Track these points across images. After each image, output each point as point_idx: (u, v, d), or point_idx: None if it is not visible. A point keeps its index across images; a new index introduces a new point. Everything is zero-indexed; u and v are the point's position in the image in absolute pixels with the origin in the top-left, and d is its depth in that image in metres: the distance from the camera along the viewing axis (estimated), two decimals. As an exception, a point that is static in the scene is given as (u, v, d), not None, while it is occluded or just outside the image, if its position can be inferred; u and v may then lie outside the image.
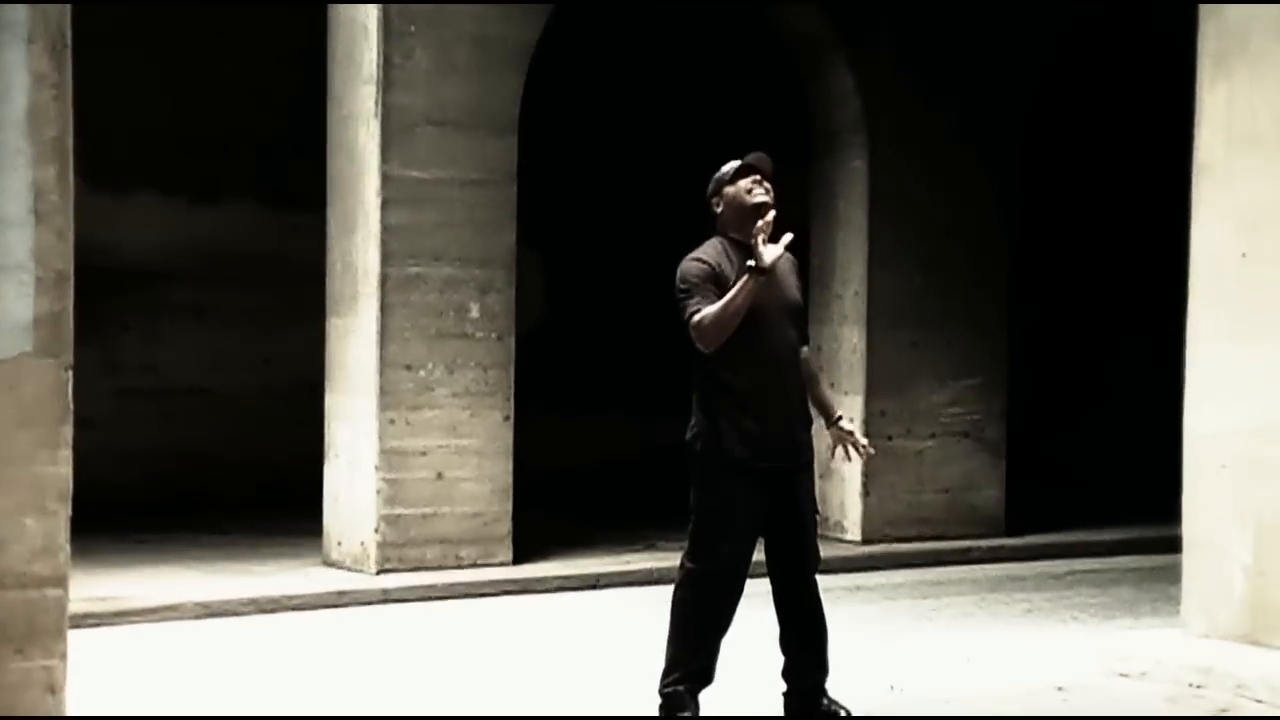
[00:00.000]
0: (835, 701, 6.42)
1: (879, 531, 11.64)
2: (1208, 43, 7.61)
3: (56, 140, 5.07)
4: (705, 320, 6.11)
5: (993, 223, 12.03)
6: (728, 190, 6.35)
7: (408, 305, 10.04)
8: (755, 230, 6.12)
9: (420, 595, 9.70)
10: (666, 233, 8.84)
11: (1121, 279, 15.86)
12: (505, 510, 10.31)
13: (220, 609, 9.12)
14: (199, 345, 13.10)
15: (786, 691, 6.50)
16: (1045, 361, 15.35)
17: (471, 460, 10.22)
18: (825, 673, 6.46)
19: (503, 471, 10.30)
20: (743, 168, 6.35)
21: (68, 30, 5.11)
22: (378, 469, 9.96)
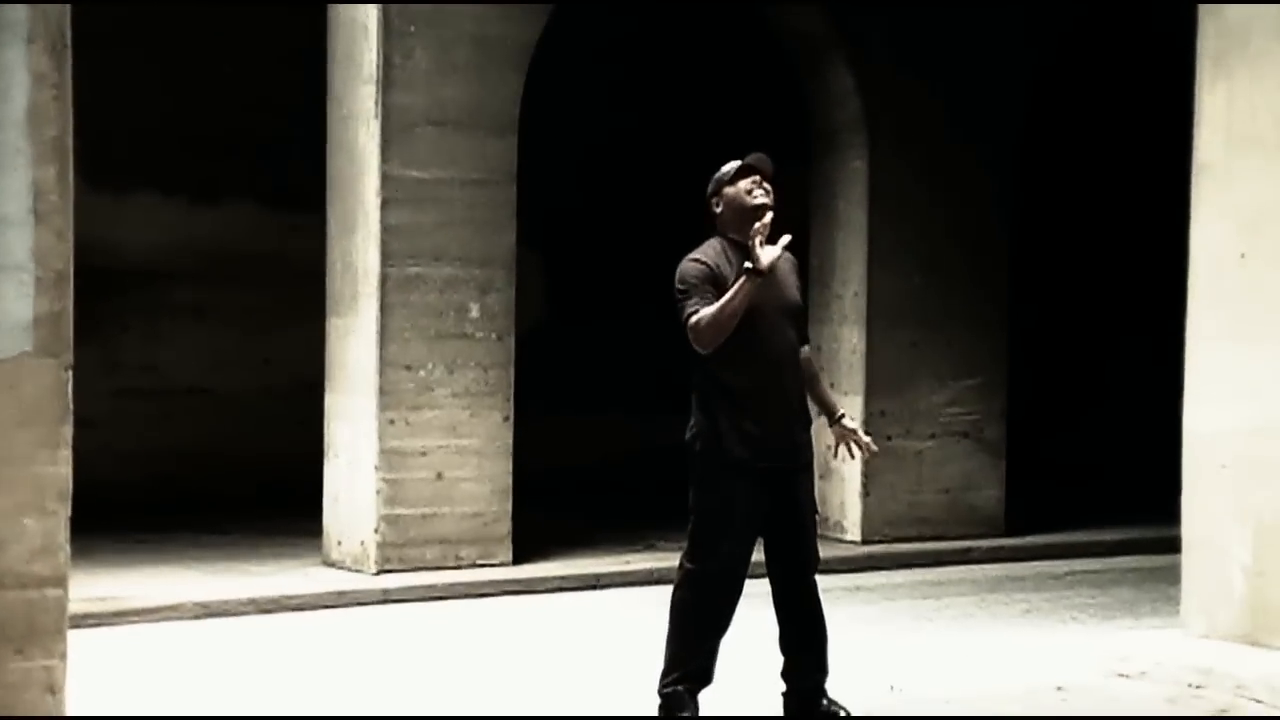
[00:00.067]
0: (835, 702, 6.42)
1: (879, 532, 11.63)
2: (1207, 42, 7.60)
3: (56, 140, 5.07)
4: (702, 321, 6.10)
5: (993, 223, 12.03)
6: (728, 191, 6.34)
7: (408, 305, 10.04)
8: (752, 232, 6.12)
9: (420, 595, 9.70)
10: (666, 232, 8.84)
11: (1121, 279, 15.86)
12: (505, 510, 10.31)
13: (220, 609, 9.12)
14: (199, 345, 13.10)
15: (786, 692, 6.49)
16: (1045, 361, 15.35)
17: (471, 460, 10.22)
18: (825, 673, 6.46)
19: (503, 472, 10.30)
20: (743, 168, 6.35)
21: (68, 30, 5.11)
22: (378, 469, 9.96)
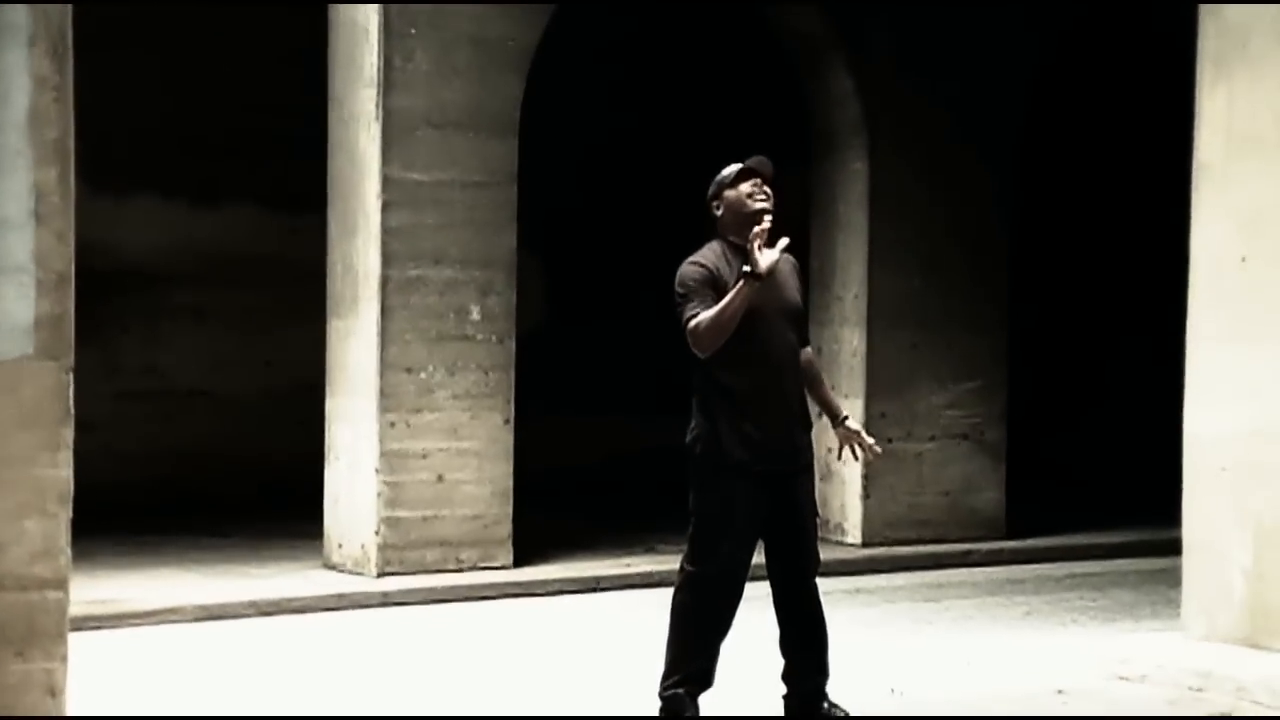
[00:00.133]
0: (835, 704, 6.42)
1: (879, 534, 11.62)
2: (1208, 44, 7.60)
3: (57, 142, 5.06)
4: (701, 325, 6.10)
5: (993, 223, 12.02)
6: (728, 194, 6.34)
7: (408, 308, 10.04)
8: (751, 236, 6.11)
9: (420, 598, 9.69)
10: (667, 233, 8.84)
11: (1121, 279, 15.86)
12: (505, 513, 10.31)
13: (220, 612, 9.12)
14: (199, 347, 13.10)
15: (786, 694, 6.49)
16: (1045, 362, 15.34)
17: (472, 463, 10.21)
18: (825, 675, 6.45)
19: (503, 474, 10.29)
20: (743, 171, 6.35)
21: (69, 32, 5.10)
22: (378, 471, 9.96)
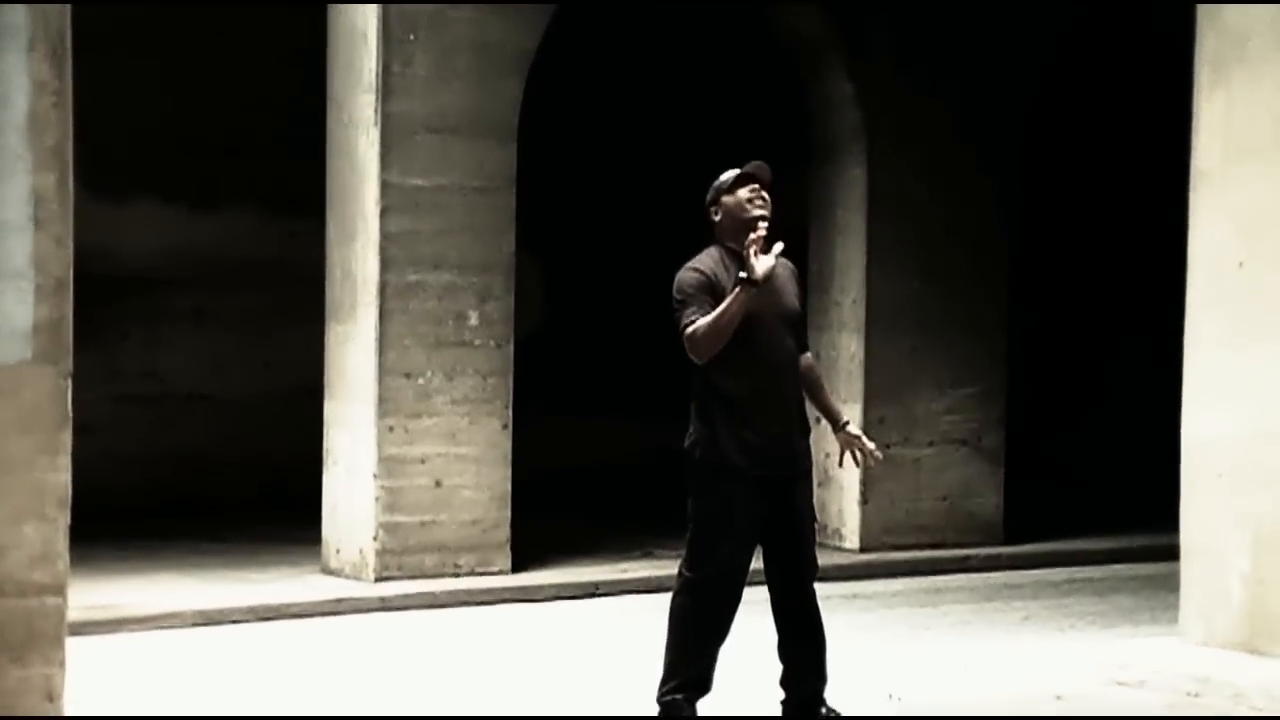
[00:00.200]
0: (833, 710, 6.42)
1: (877, 539, 11.60)
2: (1206, 46, 7.60)
3: (56, 147, 5.07)
4: (698, 332, 6.10)
5: (993, 223, 12.01)
6: (726, 199, 6.34)
7: (407, 313, 10.04)
8: (748, 243, 6.12)
9: (419, 603, 9.68)
10: (666, 235, 8.84)
11: (1121, 280, 15.85)
12: (504, 518, 10.30)
13: (219, 617, 9.11)
14: (199, 351, 13.09)
15: (785, 699, 6.49)
16: (1045, 362, 15.34)
17: (470, 468, 10.21)
18: (823, 681, 6.45)
19: (501, 479, 10.29)
20: (741, 176, 6.34)
21: (68, 36, 5.10)
22: (376, 476, 9.96)
